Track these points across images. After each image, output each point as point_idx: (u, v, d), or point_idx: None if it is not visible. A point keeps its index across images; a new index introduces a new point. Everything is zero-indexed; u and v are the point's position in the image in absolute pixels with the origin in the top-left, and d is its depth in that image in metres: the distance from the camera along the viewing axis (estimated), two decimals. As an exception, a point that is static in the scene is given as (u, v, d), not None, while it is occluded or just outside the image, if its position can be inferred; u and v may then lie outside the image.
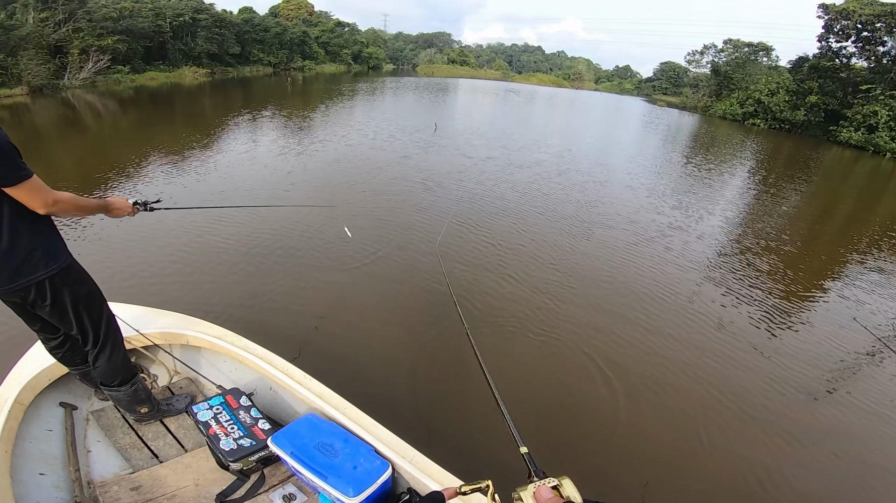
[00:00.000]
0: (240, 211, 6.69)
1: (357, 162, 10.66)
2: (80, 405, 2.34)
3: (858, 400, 4.17)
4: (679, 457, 3.35)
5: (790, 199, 12.30)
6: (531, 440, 1.42)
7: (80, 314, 1.87)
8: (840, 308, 6.03)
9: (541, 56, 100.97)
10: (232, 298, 4.69)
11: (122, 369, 2.10)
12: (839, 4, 30.42)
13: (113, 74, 26.25)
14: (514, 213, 8.14)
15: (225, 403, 2.25)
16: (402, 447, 1.93)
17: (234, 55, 39.51)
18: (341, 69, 56.07)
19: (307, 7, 57.36)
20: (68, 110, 17.86)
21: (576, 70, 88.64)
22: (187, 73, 32.98)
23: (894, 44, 28.95)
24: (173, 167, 9.35)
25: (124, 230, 5.91)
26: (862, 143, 27.81)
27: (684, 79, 64.69)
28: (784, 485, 3.18)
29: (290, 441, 1.91)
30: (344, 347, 4.11)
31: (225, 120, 15.68)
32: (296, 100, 24.17)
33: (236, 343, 2.48)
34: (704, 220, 9.01)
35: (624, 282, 5.97)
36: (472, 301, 5.03)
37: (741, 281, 6.46)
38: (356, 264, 5.66)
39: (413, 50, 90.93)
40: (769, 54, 43.46)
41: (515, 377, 3.96)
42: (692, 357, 4.48)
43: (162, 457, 2.17)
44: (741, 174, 15.42)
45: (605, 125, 26.81)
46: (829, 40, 32.26)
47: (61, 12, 24.32)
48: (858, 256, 8.27)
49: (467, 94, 37.70)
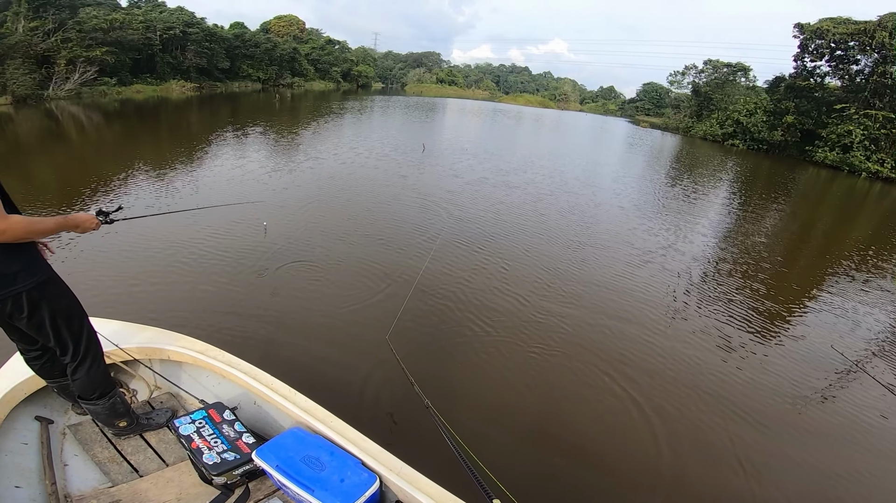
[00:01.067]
0: (228, 225, 6.65)
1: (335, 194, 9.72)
2: (56, 419, 2.31)
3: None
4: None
5: (770, 223, 12.57)
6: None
7: (58, 327, 1.86)
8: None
9: (528, 76, 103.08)
10: (213, 313, 4.63)
11: (101, 382, 2.09)
12: (813, 24, 31.23)
13: (99, 86, 26.10)
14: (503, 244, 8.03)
15: (208, 417, 2.21)
16: (390, 460, 1.91)
17: (224, 70, 39.61)
18: (330, 86, 56.54)
19: (298, 24, 58.03)
20: (52, 122, 17.64)
21: (562, 91, 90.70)
22: (174, 87, 32.91)
23: (867, 62, 29.60)
24: (157, 182, 9.27)
25: (110, 242, 5.82)
26: (837, 162, 28.51)
27: (666, 99, 66.55)
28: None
29: (276, 454, 1.89)
30: (331, 368, 4.04)
31: (209, 137, 15.68)
32: (283, 117, 24.23)
33: (219, 358, 2.44)
34: (694, 242, 9.15)
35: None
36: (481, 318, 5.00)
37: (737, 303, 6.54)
38: (350, 304, 5.59)
39: (402, 69, 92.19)
40: (747, 74, 44.83)
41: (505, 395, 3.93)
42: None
43: (142, 471, 2.13)
44: (723, 196, 15.78)
45: (593, 147, 26.95)
46: (804, 59, 32.90)
47: (52, 22, 24.25)
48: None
49: (456, 114, 38.09)
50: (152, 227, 6.45)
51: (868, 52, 28.85)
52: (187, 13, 36.76)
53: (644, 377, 4.35)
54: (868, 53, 29.04)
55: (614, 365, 4.48)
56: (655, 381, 4.31)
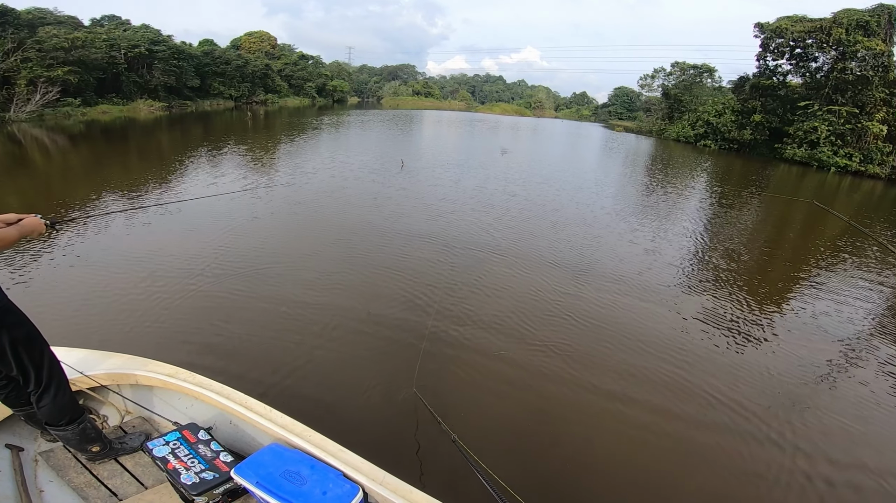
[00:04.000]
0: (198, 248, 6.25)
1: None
2: (26, 446, 2.31)
3: None
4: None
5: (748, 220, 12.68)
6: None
7: (19, 355, 1.86)
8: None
9: (502, 85, 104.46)
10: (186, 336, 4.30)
11: (68, 409, 2.08)
12: (772, 23, 32.21)
13: (63, 108, 25.18)
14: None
15: (182, 438, 2.20)
16: (372, 470, 1.90)
17: (193, 88, 38.84)
18: (305, 102, 56.05)
19: (270, 40, 57.48)
20: (14, 146, 16.85)
21: (536, 98, 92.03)
22: (142, 107, 32.07)
23: (826, 59, 30.55)
24: (129, 209, 8.76)
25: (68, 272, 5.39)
26: (806, 158, 29.37)
27: (637, 103, 68.07)
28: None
29: (255, 471, 1.87)
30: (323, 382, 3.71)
31: (180, 158, 15.17)
32: (256, 136, 23.72)
33: (189, 380, 2.41)
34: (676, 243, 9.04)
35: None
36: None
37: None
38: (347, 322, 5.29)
39: (377, 82, 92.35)
40: (713, 75, 46.20)
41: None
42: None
43: (121, 494, 2.11)
44: (703, 197, 15.96)
45: (573, 153, 26.88)
46: (766, 59, 33.82)
47: (10, 41, 23.41)
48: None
49: (433, 126, 38.01)
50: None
51: (826, 48, 29.92)
52: (153, 31, 36.08)
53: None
54: (826, 50, 30.11)
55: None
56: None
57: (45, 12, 29.91)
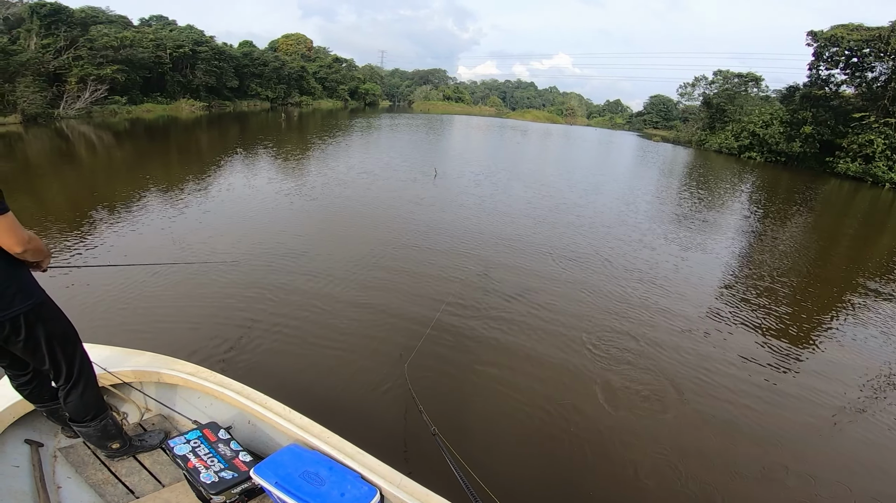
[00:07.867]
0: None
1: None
2: (46, 442, 2.32)
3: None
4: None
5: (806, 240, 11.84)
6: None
7: (53, 350, 1.87)
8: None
9: (534, 91, 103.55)
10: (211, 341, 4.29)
11: (93, 405, 2.10)
12: (827, 31, 30.60)
13: (110, 105, 25.98)
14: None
15: (203, 437, 2.19)
16: (390, 473, 1.91)
17: (232, 89, 39.75)
18: (338, 105, 56.75)
19: (306, 42, 58.56)
20: (62, 141, 17.37)
21: (568, 105, 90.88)
22: (184, 106, 32.94)
23: (883, 69, 28.91)
24: (169, 208, 8.72)
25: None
26: (860, 173, 27.76)
27: (674, 112, 66.27)
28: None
29: (274, 471, 1.87)
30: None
31: (217, 159, 15.30)
32: (290, 137, 23.88)
33: (210, 379, 2.43)
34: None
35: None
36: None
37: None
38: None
39: (409, 86, 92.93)
40: (759, 84, 44.39)
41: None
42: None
43: (138, 492, 2.12)
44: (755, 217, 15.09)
45: (617, 166, 24.97)
46: (818, 68, 32.04)
47: (63, 39, 24.25)
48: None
49: (464, 132, 37.23)
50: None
51: (884, 58, 28.35)
52: (197, 31, 37.11)
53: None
54: (884, 60, 28.54)
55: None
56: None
57: (98, 11, 31.06)
